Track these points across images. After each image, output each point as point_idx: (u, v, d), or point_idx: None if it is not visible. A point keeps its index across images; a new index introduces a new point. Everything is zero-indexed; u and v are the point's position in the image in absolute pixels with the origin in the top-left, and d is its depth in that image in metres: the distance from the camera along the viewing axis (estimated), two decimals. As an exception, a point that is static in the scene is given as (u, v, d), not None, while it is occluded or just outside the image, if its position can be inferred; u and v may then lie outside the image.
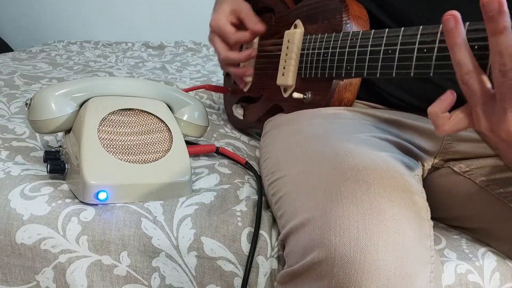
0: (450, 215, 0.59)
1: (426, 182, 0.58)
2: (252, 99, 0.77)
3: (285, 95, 0.65)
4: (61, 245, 0.46)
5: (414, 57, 0.44)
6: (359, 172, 0.41)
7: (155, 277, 0.47)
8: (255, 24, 0.66)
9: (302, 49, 0.61)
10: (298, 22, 0.63)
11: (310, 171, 0.46)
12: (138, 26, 1.97)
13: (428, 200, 0.44)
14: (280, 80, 0.65)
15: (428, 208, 0.43)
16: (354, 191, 0.39)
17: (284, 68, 0.64)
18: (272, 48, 0.69)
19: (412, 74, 0.45)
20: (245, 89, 0.77)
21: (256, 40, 0.73)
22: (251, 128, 0.84)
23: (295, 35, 0.62)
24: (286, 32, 0.64)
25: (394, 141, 0.53)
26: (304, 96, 0.60)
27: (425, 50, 0.43)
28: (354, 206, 0.37)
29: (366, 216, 0.37)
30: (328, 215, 0.38)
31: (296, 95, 0.61)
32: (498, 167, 0.54)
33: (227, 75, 0.89)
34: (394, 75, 0.47)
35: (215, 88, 0.87)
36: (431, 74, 0.43)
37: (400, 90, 0.58)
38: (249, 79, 0.75)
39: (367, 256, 0.34)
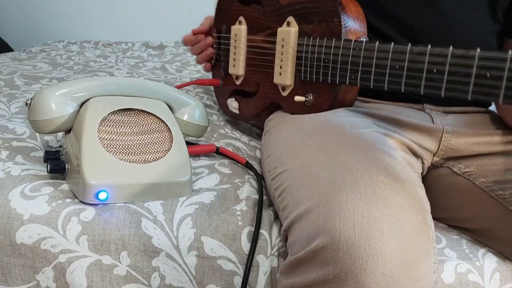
0: (450, 216, 0.59)
1: (426, 182, 0.58)
2: (246, 93, 0.76)
3: (284, 93, 0.64)
4: (61, 244, 0.46)
5: (424, 77, 0.44)
6: (361, 162, 0.42)
7: (155, 277, 0.47)
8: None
9: (300, 51, 0.60)
10: (291, 19, 0.61)
11: (312, 163, 0.46)
12: (138, 26, 1.97)
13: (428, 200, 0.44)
14: (277, 79, 0.64)
15: (428, 201, 0.43)
16: (356, 179, 0.39)
17: (281, 67, 0.63)
18: (264, 45, 0.68)
19: (422, 92, 0.45)
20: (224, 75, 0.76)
21: (244, 34, 0.72)
22: (247, 121, 0.83)
23: (290, 35, 0.60)
24: (280, 29, 0.63)
25: (395, 138, 0.54)
26: (306, 99, 0.60)
27: (434, 71, 0.43)
28: (357, 193, 0.38)
29: (369, 202, 0.37)
30: (332, 202, 0.38)
31: (298, 98, 0.60)
32: (497, 169, 0.54)
33: (214, 66, 0.88)
34: (403, 90, 0.47)
35: (206, 82, 0.86)
36: (442, 95, 0.43)
37: None
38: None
39: (372, 241, 0.34)
